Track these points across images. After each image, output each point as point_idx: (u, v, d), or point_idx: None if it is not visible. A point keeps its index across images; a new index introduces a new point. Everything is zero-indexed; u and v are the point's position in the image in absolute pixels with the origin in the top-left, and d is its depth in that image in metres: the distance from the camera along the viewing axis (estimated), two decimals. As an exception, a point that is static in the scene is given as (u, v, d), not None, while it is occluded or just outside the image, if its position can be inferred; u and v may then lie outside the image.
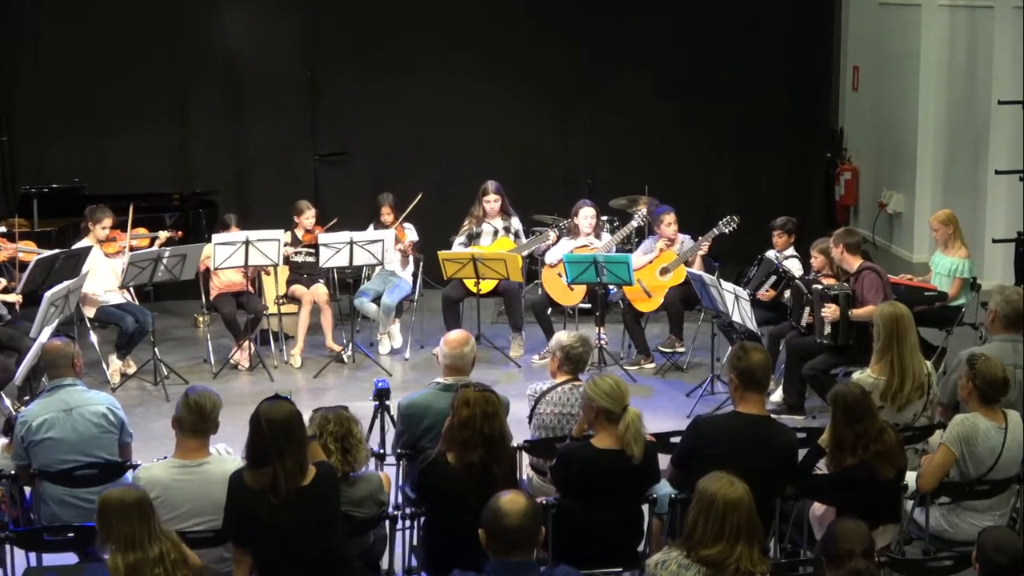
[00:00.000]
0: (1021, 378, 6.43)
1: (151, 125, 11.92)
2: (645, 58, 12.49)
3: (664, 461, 5.63)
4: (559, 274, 9.77)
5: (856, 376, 6.45)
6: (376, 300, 10.02)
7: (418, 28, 12.22)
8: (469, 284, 9.79)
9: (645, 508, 5.48)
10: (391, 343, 10.22)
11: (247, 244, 9.37)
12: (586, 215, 9.95)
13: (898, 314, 6.44)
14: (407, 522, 5.62)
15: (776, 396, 8.56)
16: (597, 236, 10.04)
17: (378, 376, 8.78)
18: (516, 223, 10.26)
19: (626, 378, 7.70)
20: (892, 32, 12.56)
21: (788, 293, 8.81)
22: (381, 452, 6.25)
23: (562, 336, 6.30)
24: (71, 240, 9.78)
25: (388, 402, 6.72)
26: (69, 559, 5.63)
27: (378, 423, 6.73)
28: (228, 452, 5.58)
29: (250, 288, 9.92)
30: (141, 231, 9.95)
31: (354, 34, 12.17)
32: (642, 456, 5.29)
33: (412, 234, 10.21)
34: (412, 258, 10.27)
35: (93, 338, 9.37)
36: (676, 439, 5.78)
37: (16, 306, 8.85)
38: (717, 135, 12.77)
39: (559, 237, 10.06)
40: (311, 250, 9.92)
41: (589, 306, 10.00)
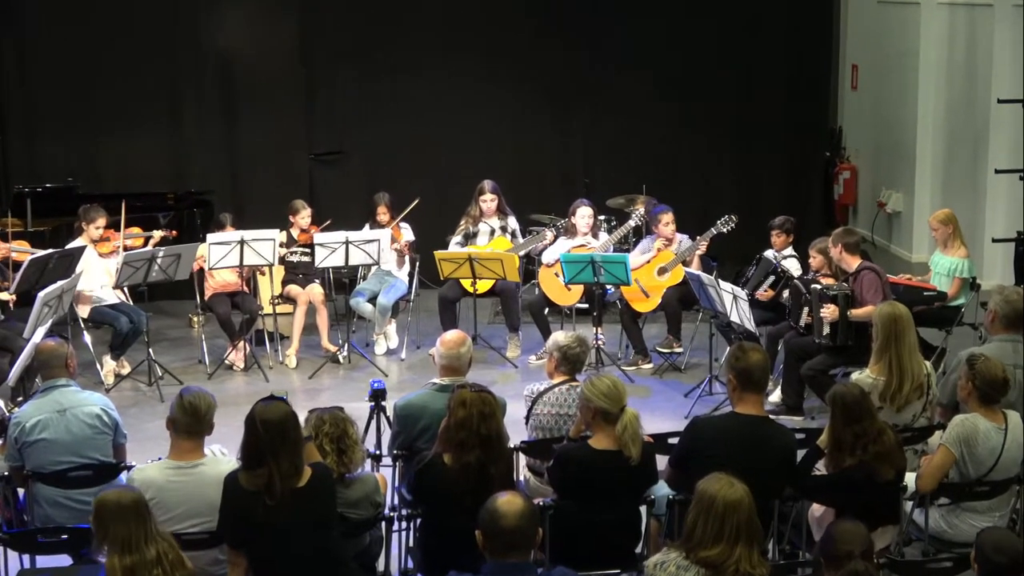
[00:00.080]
0: (1021, 378, 6.41)
1: (146, 124, 11.89)
2: (643, 57, 12.47)
3: (662, 462, 5.62)
4: (556, 274, 9.74)
5: (855, 376, 6.43)
6: (372, 300, 9.99)
7: (415, 27, 12.19)
8: (466, 284, 9.77)
9: (643, 509, 5.47)
10: (387, 343, 10.19)
11: (242, 244, 9.33)
12: (583, 214, 9.92)
13: (896, 314, 6.41)
14: (403, 523, 5.62)
15: (775, 397, 8.53)
16: (594, 236, 10.01)
17: (374, 377, 8.75)
18: (513, 223, 10.23)
19: (624, 378, 7.72)
20: (891, 31, 12.54)
21: (787, 293, 8.78)
22: (377, 453, 6.23)
23: (559, 336, 6.29)
24: (65, 240, 9.73)
25: (384, 403, 6.69)
26: (63, 561, 5.62)
27: (374, 424, 6.70)
28: (223, 453, 5.56)
29: (245, 288, 9.90)
30: (135, 231, 9.93)
31: (350, 33, 12.13)
32: (640, 457, 5.27)
33: (408, 234, 10.18)
34: (408, 258, 10.24)
35: (87, 338, 9.33)
36: (674, 440, 5.76)
37: (10, 304, 8.82)
38: (715, 134, 12.75)
39: (556, 237, 10.03)
40: (307, 250, 9.88)
41: (586, 306, 9.99)
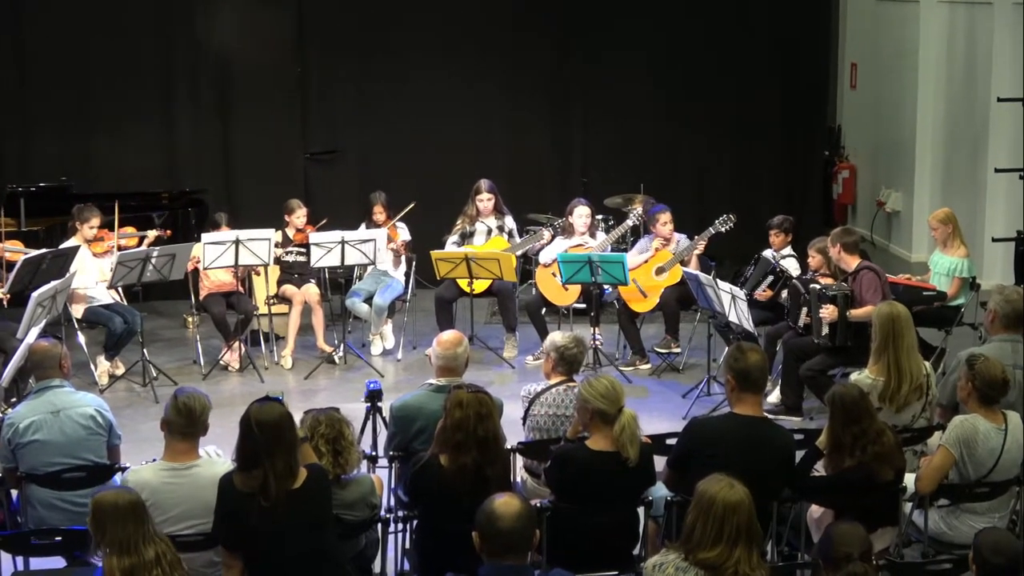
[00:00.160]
0: (1021, 378, 6.40)
1: (140, 123, 11.83)
2: (641, 56, 12.46)
3: (660, 463, 5.60)
4: (553, 274, 9.71)
5: (854, 377, 6.41)
6: (368, 300, 9.95)
7: (411, 26, 12.14)
8: (462, 284, 9.73)
9: (641, 511, 5.46)
10: (383, 344, 10.16)
11: (237, 243, 9.29)
12: (581, 214, 9.90)
13: (895, 314, 6.39)
14: (399, 525, 5.62)
15: (773, 397, 8.52)
16: (592, 235, 9.99)
17: (370, 377, 8.71)
18: (510, 222, 10.20)
19: (621, 379, 7.69)
20: (890, 29, 12.53)
21: (785, 293, 8.77)
22: (373, 454, 6.20)
23: (556, 337, 6.27)
24: (58, 240, 9.69)
25: (380, 404, 6.69)
26: (57, 563, 5.60)
27: (370, 425, 6.68)
28: (218, 454, 5.54)
29: (240, 288, 9.87)
30: (130, 230, 9.89)
31: (346, 31, 12.09)
32: (637, 458, 5.25)
33: (404, 233, 10.15)
34: (404, 258, 10.20)
35: (81, 339, 9.29)
36: (672, 441, 5.76)
37: (4, 302, 8.78)
38: (714, 133, 12.73)
39: (553, 236, 10.00)
40: (302, 250, 9.84)
41: (584, 306, 9.96)
